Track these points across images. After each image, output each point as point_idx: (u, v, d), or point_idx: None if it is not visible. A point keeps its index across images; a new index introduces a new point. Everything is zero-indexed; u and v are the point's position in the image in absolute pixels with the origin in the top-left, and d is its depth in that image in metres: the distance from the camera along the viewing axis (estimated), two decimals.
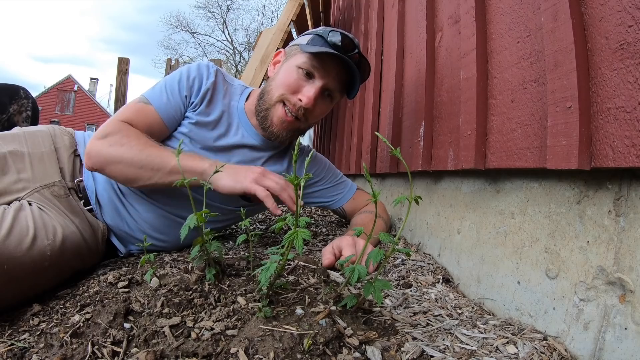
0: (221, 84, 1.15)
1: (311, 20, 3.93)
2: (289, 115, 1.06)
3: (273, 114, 1.08)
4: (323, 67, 1.05)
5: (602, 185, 0.60)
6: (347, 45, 1.04)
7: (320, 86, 1.05)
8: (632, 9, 0.53)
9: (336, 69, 1.06)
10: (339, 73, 1.07)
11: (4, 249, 0.72)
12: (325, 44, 1.04)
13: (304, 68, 1.05)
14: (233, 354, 0.53)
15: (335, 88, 1.09)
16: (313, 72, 1.05)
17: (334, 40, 1.03)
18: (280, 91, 1.06)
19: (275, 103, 1.07)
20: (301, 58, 1.06)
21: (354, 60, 1.05)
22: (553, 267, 0.67)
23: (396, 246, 0.64)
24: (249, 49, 22.48)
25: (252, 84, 3.16)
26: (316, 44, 1.05)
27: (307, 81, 1.05)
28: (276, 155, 1.22)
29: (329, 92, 1.09)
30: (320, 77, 1.05)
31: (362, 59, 1.09)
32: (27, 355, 0.57)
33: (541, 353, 0.60)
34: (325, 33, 1.06)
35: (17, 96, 1.77)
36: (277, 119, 1.08)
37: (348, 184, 1.37)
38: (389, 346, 0.59)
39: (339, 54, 1.02)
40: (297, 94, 1.05)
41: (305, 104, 1.04)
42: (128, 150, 0.94)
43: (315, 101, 1.05)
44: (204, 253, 0.74)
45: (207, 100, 1.10)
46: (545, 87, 0.68)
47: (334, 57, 1.03)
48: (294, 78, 1.05)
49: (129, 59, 5.57)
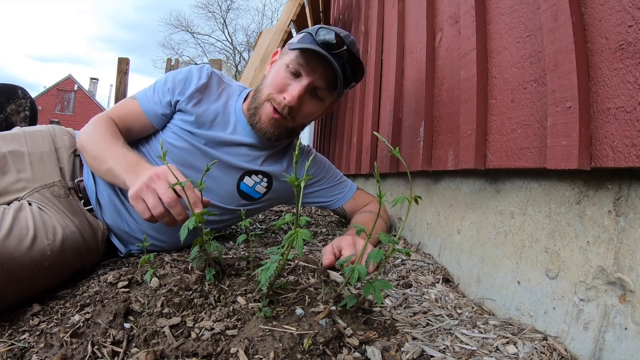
0: (215, 85, 1.16)
1: (311, 20, 3.93)
2: (276, 113, 1.06)
3: (262, 111, 1.08)
4: (308, 64, 1.03)
5: (602, 185, 0.60)
6: (336, 43, 1.01)
7: (306, 84, 1.03)
8: (632, 9, 0.53)
9: (322, 67, 1.03)
10: (326, 71, 1.04)
11: (4, 249, 0.72)
12: (313, 42, 1.02)
13: (291, 66, 1.04)
14: (233, 354, 0.53)
15: (322, 86, 1.06)
16: (299, 70, 1.04)
17: (321, 37, 1.01)
18: (268, 90, 1.07)
19: (264, 102, 1.08)
20: (290, 56, 1.05)
21: (342, 58, 1.03)
22: (553, 267, 0.67)
23: (396, 246, 0.64)
24: (249, 49, 22.48)
25: (252, 84, 3.16)
26: (305, 42, 1.04)
27: (294, 80, 1.05)
28: (275, 154, 1.22)
29: (316, 91, 1.07)
30: (306, 75, 1.04)
31: (352, 57, 1.05)
32: (27, 355, 0.57)
33: (541, 353, 0.60)
34: (314, 30, 1.04)
35: (14, 96, 1.77)
36: (266, 116, 1.08)
37: (348, 184, 1.37)
38: (389, 346, 0.59)
39: (318, 50, 0.99)
40: (283, 93, 1.05)
41: (288, 101, 1.03)
42: (90, 141, 1.02)
43: (300, 99, 1.04)
44: (203, 253, 0.74)
45: (196, 101, 1.12)
46: (545, 87, 0.68)
47: (319, 54, 1.01)
48: (281, 77, 1.06)
49: (129, 59, 5.56)
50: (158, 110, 1.12)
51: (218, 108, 1.14)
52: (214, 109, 1.14)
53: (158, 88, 1.13)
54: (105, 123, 1.05)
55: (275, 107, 1.06)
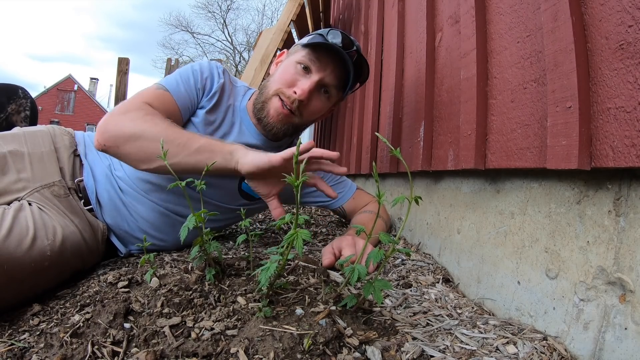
0: (228, 85, 1.17)
1: (311, 20, 3.93)
2: (284, 108, 1.07)
3: (270, 106, 1.09)
4: (320, 60, 1.06)
5: (602, 185, 0.60)
6: (346, 43, 1.06)
7: (317, 80, 1.06)
8: (632, 9, 0.53)
9: (333, 64, 1.07)
10: (336, 68, 1.08)
11: (4, 249, 0.72)
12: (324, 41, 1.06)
13: (302, 62, 1.06)
14: (233, 354, 0.53)
15: (331, 83, 1.09)
16: (310, 65, 1.06)
17: (332, 37, 1.05)
18: (277, 85, 1.08)
19: (272, 96, 1.09)
20: (300, 53, 1.08)
21: (351, 58, 1.06)
22: (553, 267, 0.67)
23: (396, 246, 0.64)
24: (249, 49, 22.47)
25: (252, 84, 3.16)
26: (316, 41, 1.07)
27: (304, 75, 1.07)
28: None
29: (325, 88, 1.10)
30: (317, 71, 1.06)
31: (361, 58, 1.10)
32: (27, 355, 0.57)
33: (541, 353, 0.60)
34: (325, 32, 1.08)
35: (15, 96, 1.77)
36: (274, 110, 1.08)
37: (348, 184, 1.37)
38: (389, 346, 0.59)
39: (335, 45, 1.03)
40: (293, 87, 1.06)
41: (299, 95, 1.04)
42: (153, 127, 0.91)
43: (310, 94, 1.06)
44: (203, 253, 0.74)
45: (216, 101, 1.12)
46: (545, 87, 0.68)
47: (330, 52, 1.05)
48: (291, 73, 1.07)
49: (129, 59, 5.57)
50: (188, 105, 1.08)
51: (228, 108, 1.15)
52: (224, 109, 1.15)
53: (187, 84, 1.08)
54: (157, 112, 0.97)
55: (284, 101, 1.07)
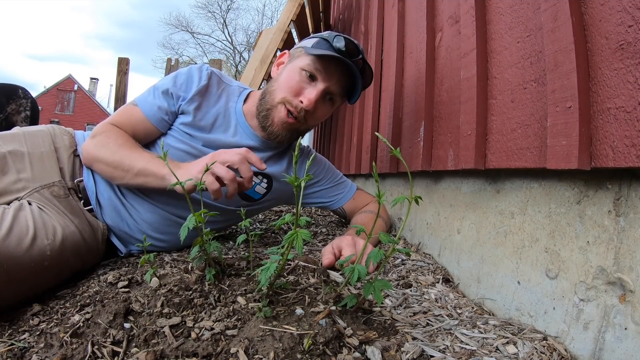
0: (215, 86, 1.15)
1: (311, 20, 3.93)
2: (290, 117, 1.07)
3: (275, 114, 1.09)
4: (326, 70, 1.06)
5: (602, 185, 0.60)
6: (352, 51, 1.05)
7: (323, 89, 1.06)
8: (632, 9, 0.53)
9: (339, 73, 1.07)
10: (342, 77, 1.08)
11: (3, 248, 0.72)
12: (330, 48, 1.05)
13: (307, 70, 1.06)
14: (233, 354, 0.53)
15: (336, 92, 1.10)
16: (316, 74, 1.06)
17: (339, 45, 1.04)
18: (283, 94, 1.07)
19: (277, 104, 1.08)
20: (305, 60, 1.07)
21: (357, 66, 1.06)
22: (553, 267, 0.67)
23: (396, 246, 0.64)
24: (249, 49, 22.46)
25: (252, 84, 3.15)
26: (321, 47, 1.06)
27: (310, 83, 1.07)
28: (275, 155, 1.22)
29: (330, 96, 1.11)
30: (323, 80, 1.06)
31: (366, 65, 1.10)
32: (27, 355, 0.57)
33: (541, 353, 0.60)
34: (330, 37, 1.07)
35: (15, 96, 1.77)
36: (279, 119, 1.08)
37: (348, 184, 1.37)
38: (389, 346, 0.59)
39: (343, 57, 1.03)
40: (299, 96, 1.06)
41: (306, 105, 1.05)
42: (106, 151, 1.00)
43: (316, 104, 1.07)
44: (203, 253, 0.74)
45: (198, 103, 1.11)
46: (545, 87, 0.68)
47: (337, 61, 1.04)
48: (296, 80, 1.07)
49: (129, 59, 5.56)
50: (160, 114, 1.10)
51: (219, 110, 1.14)
52: (215, 111, 1.14)
53: (158, 92, 1.11)
54: (116, 131, 1.04)
55: (290, 110, 1.07)
